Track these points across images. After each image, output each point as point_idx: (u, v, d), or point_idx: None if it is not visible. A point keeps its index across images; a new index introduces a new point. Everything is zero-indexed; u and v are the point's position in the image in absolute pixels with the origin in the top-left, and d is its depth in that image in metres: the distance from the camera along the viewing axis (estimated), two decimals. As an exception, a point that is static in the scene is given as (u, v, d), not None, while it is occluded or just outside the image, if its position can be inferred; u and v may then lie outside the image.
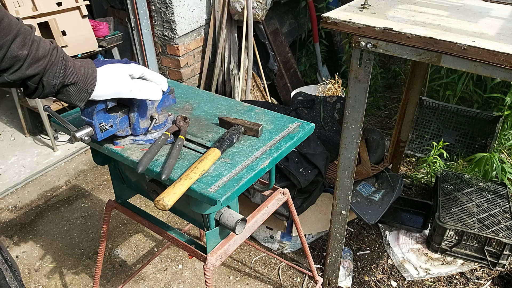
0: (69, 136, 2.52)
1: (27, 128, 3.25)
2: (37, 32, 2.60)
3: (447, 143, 2.77)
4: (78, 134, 1.00)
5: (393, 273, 2.08)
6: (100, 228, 2.37)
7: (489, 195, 2.27)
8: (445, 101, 2.91)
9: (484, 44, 1.04)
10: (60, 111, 2.67)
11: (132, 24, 2.94)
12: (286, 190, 1.47)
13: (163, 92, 1.07)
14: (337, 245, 1.72)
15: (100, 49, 2.91)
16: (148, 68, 1.16)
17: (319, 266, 2.12)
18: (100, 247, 1.61)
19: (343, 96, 2.93)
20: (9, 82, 0.82)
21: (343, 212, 1.61)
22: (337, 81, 3.30)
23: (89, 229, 2.38)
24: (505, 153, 2.82)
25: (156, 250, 2.23)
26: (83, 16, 2.77)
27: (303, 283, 2.03)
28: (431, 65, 2.89)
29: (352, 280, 2.03)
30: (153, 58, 3.13)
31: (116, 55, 3.06)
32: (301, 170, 2.05)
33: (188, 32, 3.01)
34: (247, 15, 2.93)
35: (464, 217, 2.11)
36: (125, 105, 1.07)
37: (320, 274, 2.03)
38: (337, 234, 1.69)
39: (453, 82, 2.92)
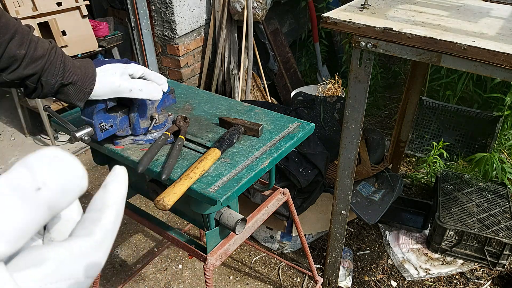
0: (69, 136, 2.51)
1: (27, 128, 3.24)
2: (37, 32, 2.61)
3: (447, 143, 2.76)
4: (78, 134, 0.99)
5: (393, 273, 2.07)
6: (100, 228, 2.37)
7: (489, 195, 2.27)
8: (445, 101, 2.91)
9: (484, 44, 1.04)
10: (60, 111, 2.66)
11: (132, 24, 2.94)
12: (286, 190, 1.47)
13: (163, 92, 1.07)
14: (337, 245, 1.72)
15: (100, 49, 2.90)
16: (148, 68, 1.16)
17: (319, 266, 2.12)
18: (100, 247, 1.60)
19: (343, 96, 2.93)
20: (8, 82, 0.83)
21: (343, 212, 1.61)
22: (337, 81, 3.29)
23: (89, 229, 2.37)
24: (505, 153, 2.82)
25: (156, 250, 2.23)
26: (83, 16, 2.77)
27: (303, 283, 2.03)
28: (431, 65, 2.89)
29: (352, 280, 2.03)
30: (153, 58, 3.13)
31: (116, 55, 3.06)
32: (301, 170, 2.05)
33: (188, 32, 3.01)
34: (247, 15, 2.93)
35: (464, 217, 2.11)
36: (125, 105, 1.07)
37: (320, 274, 2.03)
38: (337, 234, 1.69)
39: (453, 82, 2.91)
